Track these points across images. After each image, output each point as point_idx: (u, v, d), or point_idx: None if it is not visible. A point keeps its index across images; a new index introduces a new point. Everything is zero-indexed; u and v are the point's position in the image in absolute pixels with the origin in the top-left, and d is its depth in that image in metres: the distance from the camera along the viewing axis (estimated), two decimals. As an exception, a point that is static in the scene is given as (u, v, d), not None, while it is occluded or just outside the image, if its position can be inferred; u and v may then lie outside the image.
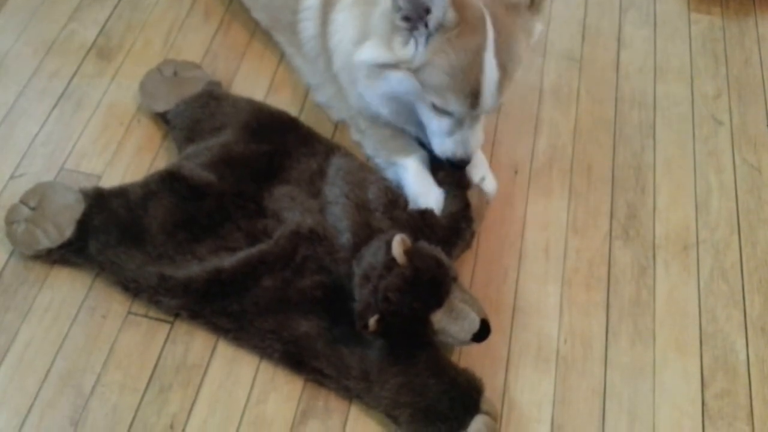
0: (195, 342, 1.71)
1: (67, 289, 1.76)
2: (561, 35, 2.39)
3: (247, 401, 1.65)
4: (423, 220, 1.80)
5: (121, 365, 1.67)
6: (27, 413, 1.60)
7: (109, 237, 1.75)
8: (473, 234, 1.87)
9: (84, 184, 1.89)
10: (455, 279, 1.65)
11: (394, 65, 1.71)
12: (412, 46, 1.67)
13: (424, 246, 1.65)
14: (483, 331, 1.62)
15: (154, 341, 1.71)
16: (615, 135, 2.18)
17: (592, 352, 1.78)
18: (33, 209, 1.78)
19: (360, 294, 1.62)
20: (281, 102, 2.12)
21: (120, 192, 1.82)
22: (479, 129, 1.82)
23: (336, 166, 1.91)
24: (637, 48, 2.40)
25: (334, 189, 1.85)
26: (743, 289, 1.91)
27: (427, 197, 1.86)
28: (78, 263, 1.77)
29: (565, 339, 1.80)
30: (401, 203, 1.85)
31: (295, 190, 1.88)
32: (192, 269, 1.71)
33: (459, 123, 1.77)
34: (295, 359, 1.66)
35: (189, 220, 1.79)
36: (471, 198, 1.85)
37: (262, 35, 2.28)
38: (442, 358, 1.65)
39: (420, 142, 1.93)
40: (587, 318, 1.83)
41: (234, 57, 2.24)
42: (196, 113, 1.98)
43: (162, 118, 2.02)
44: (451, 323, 1.61)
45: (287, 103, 2.12)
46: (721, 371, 1.78)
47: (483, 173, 1.91)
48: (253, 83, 2.18)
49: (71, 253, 1.76)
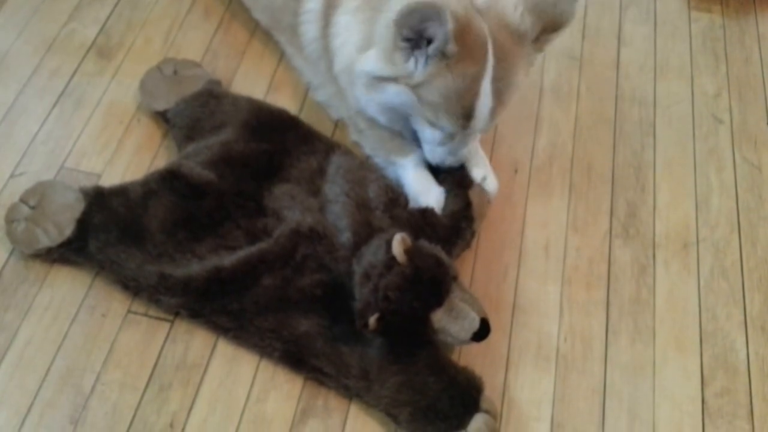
0: (195, 341, 1.71)
1: (67, 288, 1.76)
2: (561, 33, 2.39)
3: (247, 400, 1.65)
4: (424, 218, 1.80)
5: (121, 364, 1.67)
6: (27, 412, 1.60)
7: (109, 236, 1.75)
8: (474, 233, 1.87)
9: (84, 182, 1.89)
10: (455, 278, 1.65)
11: (393, 79, 1.72)
12: (412, 63, 1.68)
13: (424, 245, 1.65)
14: (483, 331, 1.62)
15: (154, 340, 1.71)
16: (615, 133, 2.18)
17: (592, 350, 1.78)
18: (33, 208, 1.78)
19: (360, 293, 1.62)
20: (281, 101, 2.12)
21: (120, 191, 1.82)
22: (471, 139, 1.85)
23: (336, 164, 1.91)
24: (638, 46, 2.40)
25: (334, 187, 1.85)
26: (743, 288, 1.91)
27: (427, 196, 1.86)
28: (78, 262, 1.78)
29: (565, 337, 1.80)
30: (402, 202, 1.86)
31: (295, 188, 1.88)
32: (192, 268, 1.71)
33: (451, 136, 1.79)
34: (295, 358, 1.66)
35: (189, 218, 1.79)
36: (472, 197, 1.85)
37: (262, 34, 2.27)
38: (441, 356, 1.65)
39: (418, 141, 1.93)
40: (587, 316, 1.83)
41: (234, 56, 2.24)
42: (196, 112, 1.98)
43: (162, 116, 2.02)
44: (451, 322, 1.61)
45: (287, 102, 2.12)
46: (721, 369, 1.78)
47: (484, 172, 1.91)
48: (253, 82, 2.18)
49: (71, 252, 1.76)
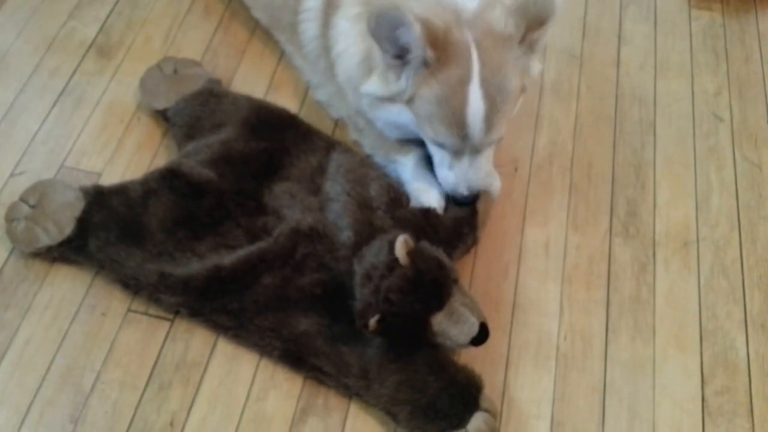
0: (195, 339, 1.72)
1: (67, 287, 1.77)
2: (561, 32, 2.38)
3: (247, 399, 1.65)
4: (426, 219, 1.80)
5: (121, 363, 1.67)
6: (27, 411, 1.60)
7: (109, 234, 1.75)
8: (476, 240, 1.87)
9: (84, 181, 1.89)
10: (456, 281, 1.65)
11: (390, 98, 1.73)
12: (403, 80, 1.68)
13: (426, 247, 1.64)
14: (482, 335, 1.62)
15: (154, 339, 1.71)
16: (615, 132, 2.17)
17: (592, 349, 1.78)
18: (33, 207, 1.79)
19: (361, 293, 1.62)
20: (281, 100, 2.12)
21: (120, 190, 1.82)
22: (482, 164, 1.79)
23: (336, 162, 1.91)
24: (638, 45, 2.40)
25: (335, 186, 1.85)
26: (743, 286, 1.91)
27: (428, 194, 1.86)
28: (78, 261, 1.78)
29: (565, 336, 1.80)
30: (403, 202, 1.85)
31: (295, 187, 1.88)
32: (192, 267, 1.71)
33: (457, 155, 1.76)
34: (295, 357, 1.66)
35: (189, 217, 1.79)
36: (479, 205, 1.85)
37: (262, 33, 2.27)
38: (441, 355, 1.65)
39: (419, 141, 1.93)
40: (587, 315, 1.83)
41: (234, 54, 2.24)
42: (195, 111, 1.98)
43: (162, 115, 2.02)
44: (451, 326, 1.61)
45: (287, 101, 2.12)
46: (721, 368, 1.78)
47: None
48: (253, 81, 2.18)
49: (71, 251, 1.76)
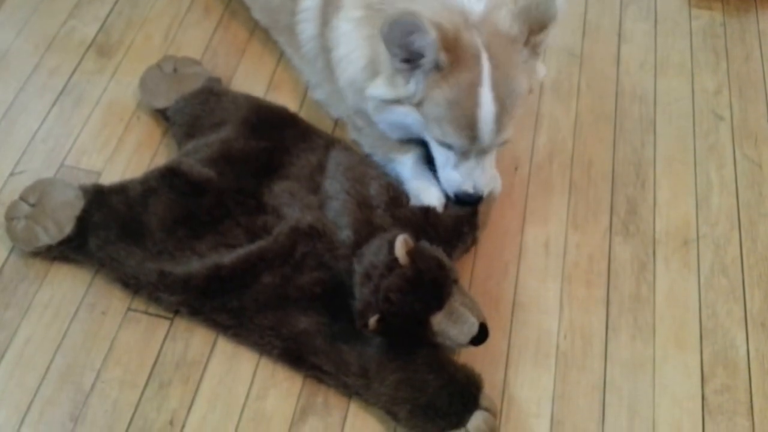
0: (195, 338, 1.72)
1: (67, 286, 1.77)
2: (561, 30, 2.38)
3: (247, 397, 1.65)
4: (426, 218, 1.80)
5: (121, 361, 1.68)
6: (27, 410, 1.60)
7: (109, 233, 1.75)
8: (475, 240, 1.87)
9: (84, 180, 1.89)
10: (456, 281, 1.65)
11: (397, 101, 1.74)
12: (413, 83, 1.69)
13: (426, 247, 1.64)
14: (481, 335, 1.62)
15: (153, 338, 1.71)
16: (615, 130, 2.17)
17: (591, 347, 1.78)
18: (33, 206, 1.79)
19: (361, 293, 1.62)
20: (281, 98, 2.12)
21: (119, 188, 1.82)
22: (488, 165, 1.80)
23: (336, 160, 1.91)
24: (638, 43, 2.40)
25: (334, 184, 1.85)
26: (743, 284, 1.91)
27: (428, 192, 1.85)
28: (78, 260, 1.78)
29: (565, 334, 1.80)
30: (403, 201, 1.85)
31: (295, 185, 1.88)
32: (192, 266, 1.71)
33: (464, 156, 1.77)
34: (294, 356, 1.66)
35: (189, 216, 1.79)
36: (480, 205, 1.85)
37: (262, 32, 2.27)
38: (440, 354, 1.65)
39: (419, 141, 1.93)
40: (587, 313, 1.83)
41: (234, 53, 2.24)
42: (195, 110, 1.98)
43: (162, 114, 2.02)
44: (451, 326, 1.61)
45: (287, 100, 2.12)
46: (721, 366, 1.78)
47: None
48: (253, 80, 2.18)
49: (71, 250, 1.76)
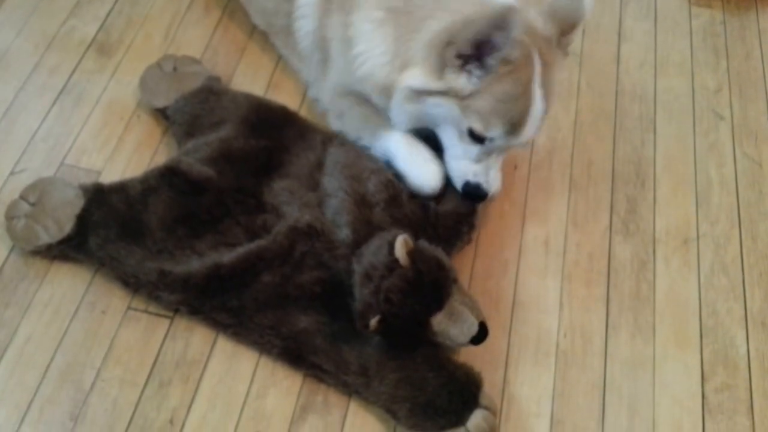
0: (195, 337, 1.72)
1: (67, 285, 1.77)
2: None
3: (247, 396, 1.65)
4: (425, 217, 1.80)
5: (121, 360, 1.68)
6: (27, 408, 1.60)
7: (109, 232, 1.75)
8: (469, 240, 1.87)
9: (84, 179, 1.89)
10: (455, 281, 1.65)
11: (441, 93, 1.73)
12: (464, 77, 1.69)
13: (426, 247, 1.64)
14: (481, 334, 1.62)
15: (153, 336, 1.71)
16: (615, 129, 2.17)
17: (591, 346, 1.78)
18: (33, 205, 1.78)
19: (361, 293, 1.61)
20: (281, 97, 2.12)
21: (119, 187, 1.82)
22: (499, 168, 1.84)
23: (333, 156, 1.90)
24: (638, 42, 2.40)
25: (332, 181, 1.84)
26: (744, 283, 1.91)
27: (424, 168, 1.84)
28: (78, 259, 1.78)
29: (565, 333, 1.80)
30: (403, 198, 1.83)
31: (295, 184, 1.88)
32: (191, 265, 1.71)
33: (487, 153, 1.79)
34: (294, 355, 1.66)
35: (188, 215, 1.79)
36: (479, 205, 1.85)
37: (261, 32, 2.27)
38: (440, 352, 1.65)
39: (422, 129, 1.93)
40: (587, 312, 1.83)
41: (234, 52, 2.24)
42: (195, 109, 1.98)
43: (162, 113, 2.02)
44: (451, 326, 1.61)
45: (287, 99, 2.12)
46: (722, 365, 1.78)
47: None
48: (253, 78, 2.18)
49: (71, 249, 1.76)
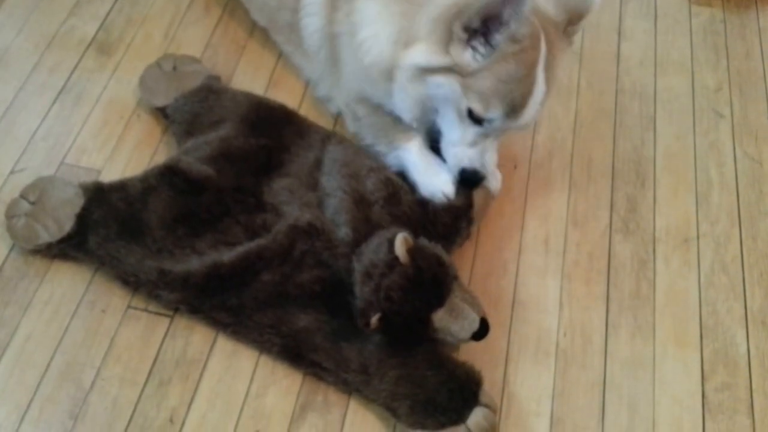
0: (194, 336, 1.72)
1: (67, 284, 1.77)
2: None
3: (247, 395, 1.65)
4: (425, 215, 1.80)
5: (121, 359, 1.68)
6: (27, 407, 1.60)
7: (109, 231, 1.75)
8: (468, 235, 1.87)
9: (84, 178, 1.89)
10: (455, 277, 1.65)
11: (445, 69, 1.71)
12: (469, 53, 1.68)
13: (425, 244, 1.65)
14: (482, 330, 1.63)
15: (153, 335, 1.71)
16: (615, 128, 2.17)
17: (591, 345, 1.78)
18: (33, 204, 1.79)
19: (361, 291, 1.62)
20: (281, 96, 2.12)
21: (119, 186, 1.82)
22: (495, 150, 1.83)
23: (332, 155, 1.90)
24: (638, 40, 2.40)
25: (331, 180, 1.84)
26: (744, 282, 1.91)
27: (437, 179, 1.84)
28: (78, 258, 1.78)
29: (565, 332, 1.80)
30: (401, 196, 1.83)
31: (294, 183, 1.88)
32: (191, 264, 1.71)
33: (484, 136, 1.78)
34: (294, 353, 1.66)
35: (188, 214, 1.79)
36: (476, 198, 1.84)
37: (261, 30, 2.27)
38: (440, 350, 1.65)
39: (420, 126, 1.92)
40: (587, 311, 1.83)
41: (234, 51, 2.24)
42: (195, 107, 1.98)
43: (161, 112, 2.02)
44: (452, 322, 1.61)
45: (287, 97, 2.12)
46: (722, 364, 1.78)
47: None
48: (253, 77, 2.18)
49: (71, 248, 1.76)
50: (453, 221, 1.81)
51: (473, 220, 1.84)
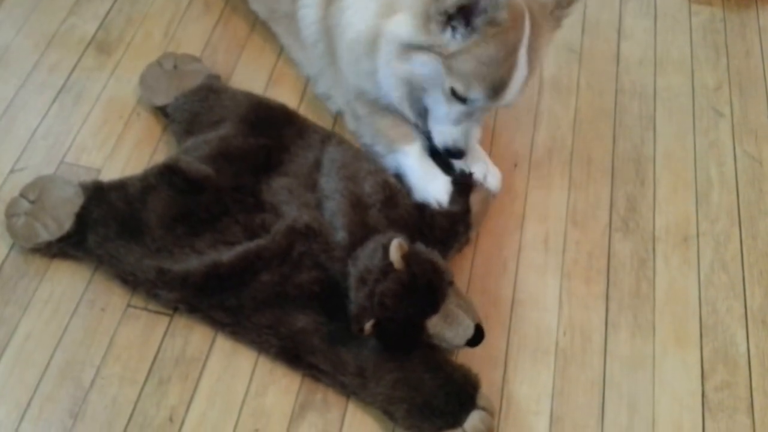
0: (194, 335, 1.72)
1: (67, 283, 1.77)
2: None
3: (246, 394, 1.65)
4: (422, 219, 1.79)
5: (121, 358, 1.68)
6: (27, 406, 1.60)
7: (108, 230, 1.75)
8: (468, 240, 1.87)
9: (84, 177, 1.89)
10: (451, 283, 1.64)
11: (425, 48, 1.71)
12: (448, 33, 1.67)
13: (421, 250, 1.64)
14: (477, 337, 1.62)
15: (153, 334, 1.71)
16: (615, 127, 2.17)
17: (591, 344, 1.78)
18: (32, 202, 1.79)
19: (356, 296, 1.61)
20: (281, 95, 2.12)
21: (119, 185, 1.82)
22: (479, 126, 1.86)
23: (331, 156, 1.90)
24: (638, 39, 2.39)
25: (329, 182, 1.84)
26: (744, 281, 1.91)
27: (434, 184, 1.85)
28: (77, 256, 1.78)
29: (565, 331, 1.80)
30: (399, 199, 1.82)
31: (293, 183, 1.88)
32: (190, 263, 1.71)
33: (468, 114, 1.78)
34: (292, 354, 1.66)
35: (187, 213, 1.79)
36: (473, 204, 1.84)
37: (262, 28, 2.27)
38: (437, 353, 1.64)
39: (417, 124, 1.92)
40: (587, 310, 1.83)
41: (234, 50, 2.24)
42: (195, 107, 1.98)
43: (161, 111, 2.02)
44: (446, 328, 1.60)
45: (287, 96, 2.12)
46: (722, 363, 1.78)
47: (485, 170, 1.91)
48: (253, 76, 2.18)
49: (70, 247, 1.76)
50: (451, 225, 1.80)
51: (471, 225, 1.84)
